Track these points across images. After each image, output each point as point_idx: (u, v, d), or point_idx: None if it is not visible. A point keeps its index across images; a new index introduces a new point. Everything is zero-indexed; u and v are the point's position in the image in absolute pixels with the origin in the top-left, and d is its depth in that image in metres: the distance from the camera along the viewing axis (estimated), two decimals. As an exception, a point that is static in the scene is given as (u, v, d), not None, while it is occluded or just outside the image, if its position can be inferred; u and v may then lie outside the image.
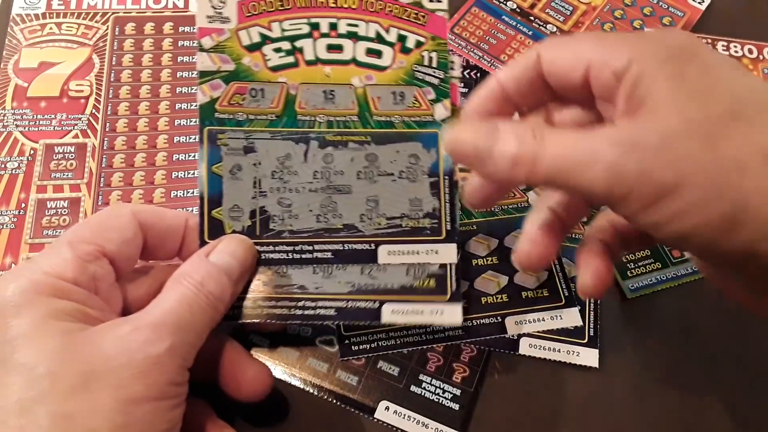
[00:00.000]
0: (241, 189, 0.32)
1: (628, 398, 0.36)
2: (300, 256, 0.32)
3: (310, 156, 0.32)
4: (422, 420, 0.34)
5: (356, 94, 0.33)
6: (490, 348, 0.36)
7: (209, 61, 0.32)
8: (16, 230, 0.38)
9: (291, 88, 0.32)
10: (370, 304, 0.32)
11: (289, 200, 0.32)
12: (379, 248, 0.32)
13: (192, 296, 0.27)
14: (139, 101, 0.43)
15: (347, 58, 0.33)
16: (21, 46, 0.44)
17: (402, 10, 0.33)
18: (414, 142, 0.33)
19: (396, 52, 0.33)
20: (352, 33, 0.33)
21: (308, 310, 0.31)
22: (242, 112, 0.32)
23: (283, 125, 0.32)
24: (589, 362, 0.36)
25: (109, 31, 0.45)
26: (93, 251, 0.28)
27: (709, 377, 0.36)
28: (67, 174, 0.40)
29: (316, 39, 0.33)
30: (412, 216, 0.33)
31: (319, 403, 0.34)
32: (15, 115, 0.41)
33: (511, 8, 0.48)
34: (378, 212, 0.32)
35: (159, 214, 0.31)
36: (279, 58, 0.32)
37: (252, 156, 0.32)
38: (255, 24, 0.32)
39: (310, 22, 0.33)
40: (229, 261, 0.30)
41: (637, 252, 0.40)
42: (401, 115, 0.33)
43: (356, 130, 0.33)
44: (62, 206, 0.39)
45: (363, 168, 0.33)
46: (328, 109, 0.33)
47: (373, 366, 0.35)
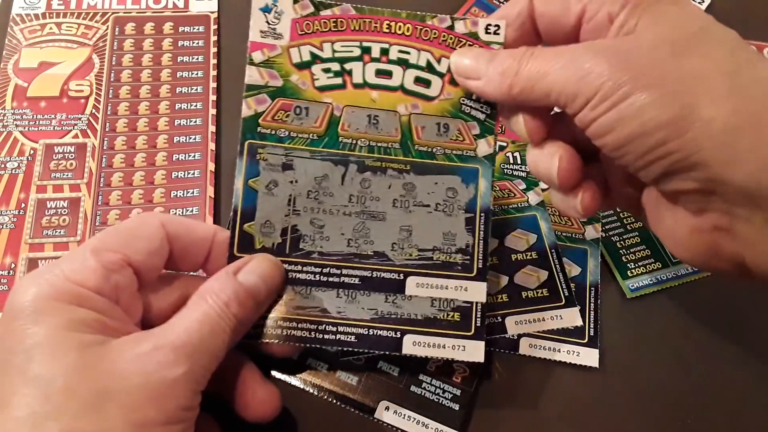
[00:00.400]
0: (275, 205, 0.32)
1: (628, 398, 0.36)
2: (327, 279, 0.31)
3: (347, 179, 0.32)
4: (422, 420, 0.34)
5: (400, 121, 0.33)
6: (490, 348, 0.36)
7: (257, 75, 0.32)
8: (16, 230, 0.38)
9: (336, 110, 0.32)
10: (391, 333, 0.31)
11: (322, 221, 0.32)
12: (407, 279, 0.32)
13: (215, 317, 0.27)
14: (139, 101, 0.43)
15: (395, 85, 0.33)
16: (21, 46, 0.44)
17: (456, 40, 0.32)
18: (453, 175, 0.33)
19: (445, 83, 0.33)
20: (403, 60, 0.33)
21: (329, 335, 0.31)
22: (284, 129, 0.32)
23: (324, 145, 0.32)
24: (589, 362, 0.36)
25: (109, 31, 0.45)
26: (118, 260, 0.27)
27: (709, 377, 0.36)
28: (67, 174, 0.40)
29: (366, 63, 0.33)
30: (445, 250, 0.32)
31: (319, 403, 0.34)
32: (15, 115, 0.41)
33: (512, 7, 0.48)
34: (410, 243, 0.32)
35: (188, 226, 0.30)
36: (327, 78, 0.32)
37: (289, 173, 0.32)
38: (307, 43, 0.32)
39: (361, 45, 0.33)
40: (257, 283, 0.29)
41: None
42: (443, 147, 0.33)
43: (397, 157, 0.32)
44: (62, 206, 0.39)
45: (399, 196, 0.32)
46: (371, 134, 0.32)
47: (373, 366, 0.35)
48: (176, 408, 0.25)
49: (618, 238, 0.40)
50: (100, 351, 0.24)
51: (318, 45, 0.32)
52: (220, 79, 0.45)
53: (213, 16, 0.47)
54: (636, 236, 0.40)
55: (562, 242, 0.39)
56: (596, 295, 0.38)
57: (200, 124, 0.43)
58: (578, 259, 0.39)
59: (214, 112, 0.43)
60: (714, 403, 0.36)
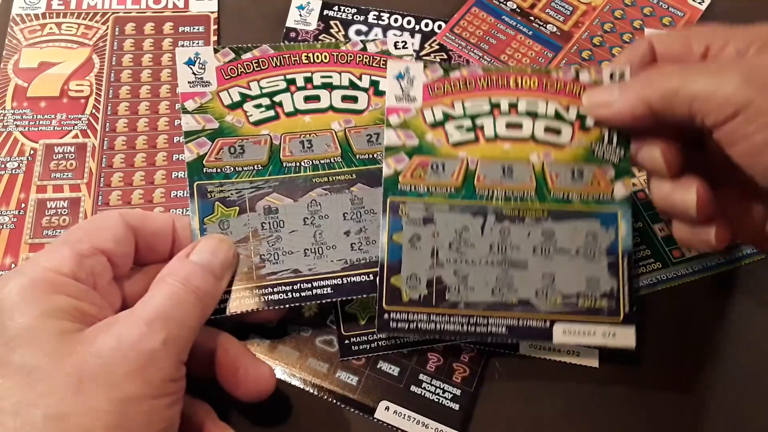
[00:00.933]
0: (419, 258, 0.33)
1: (627, 398, 0.36)
2: (475, 329, 0.32)
3: (486, 229, 0.33)
4: (422, 420, 0.34)
5: (534, 170, 0.34)
6: (490, 348, 0.36)
7: (395, 136, 0.34)
8: (16, 230, 0.38)
9: (470, 163, 0.34)
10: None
11: (466, 272, 0.33)
12: (554, 326, 0.32)
13: (179, 292, 0.28)
14: (139, 101, 0.43)
15: (526, 136, 0.34)
16: (21, 46, 0.44)
17: (583, 89, 0.34)
18: (592, 220, 0.33)
19: (575, 129, 0.34)
20: (532, 112, 0.34)
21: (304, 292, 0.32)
22: (423, 185, 0.33)
23: (462, 197, 0.33)
24: (589, 362, 0.36)
25: (109, 31, 0.45)
26: (89, 248, 0.28)
27: (709, 377, 0.36)
28: (67, 174, 0.40)
29: (496, 117, 0.34)
30: (589, 295, 0.32)
31: (319, 403, 0.34)
32: (15, 115, 0.41)
33: (511, 8, 0.48)
34: (554, 289, 0.33)
35: (145, 216, 0.31)
36: (460, 134, 0.34)
37: (431, 227, 0.33)
38: (439, 103, 0.34)
39: (491, 101, 0.34)
40: (209, 258, 0.30)
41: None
42: (579, 193, 0.33)
43: (533, 205, 0.33)
44: (62, 206, 0.39)
45: (539, 243, 0.33)
46: (506, 184, 0.33)
47: (373, 366, 0.35)
48: (160, 379, 0.25)
49: (618, 239, 0.40)
50: (78, 336, 0.25)
51: (449, 104, 0.34)
52: (220, 79, 0.45)
53: (213, 16, 0.47)
54: (636, 236, 0.41)
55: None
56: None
57: (200, 124, 0.43)
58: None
59: (214, 113, 0.43)
60: (714, 403, 0.36)
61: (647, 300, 0.38)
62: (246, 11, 0.48)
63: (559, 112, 0.34)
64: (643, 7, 0.48)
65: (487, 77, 0.34)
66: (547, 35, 0.47)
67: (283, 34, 0.46)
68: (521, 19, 0.48)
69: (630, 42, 0.46)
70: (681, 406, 0.36)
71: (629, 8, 0.48)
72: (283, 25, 0.46)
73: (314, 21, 0.47)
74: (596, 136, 0.33)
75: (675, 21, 0.47)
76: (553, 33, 0.47)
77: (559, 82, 0.34)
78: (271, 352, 0.35)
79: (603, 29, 0.47)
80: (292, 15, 0.47)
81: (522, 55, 0.46)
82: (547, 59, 0.46)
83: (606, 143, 0.33)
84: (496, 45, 0.46)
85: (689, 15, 0.48)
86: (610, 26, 0.47)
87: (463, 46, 0.46)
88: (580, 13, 0.48)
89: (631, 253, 0.33)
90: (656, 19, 0.47)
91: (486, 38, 0.46)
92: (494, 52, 0.46)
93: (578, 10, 0.48)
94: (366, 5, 0.48)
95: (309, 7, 0.47)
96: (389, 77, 0.34)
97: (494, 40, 0.46)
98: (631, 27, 0.47)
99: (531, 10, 0.48)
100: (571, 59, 0.46)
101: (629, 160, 0.33)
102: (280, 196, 0.34)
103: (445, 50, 0.46)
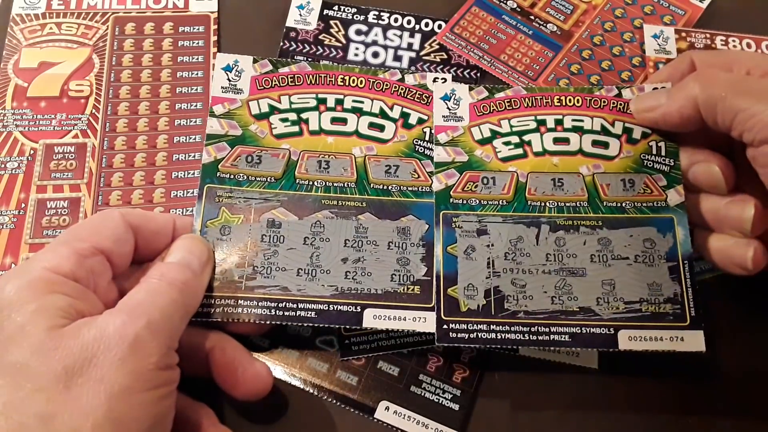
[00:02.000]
0: (475, 269, 0.33)
1: (627, 398, 0.36)
2: (537, 337, 0.32)
3: (541, 239, 0.33)
4: (422, 420, 0.34)
5: (585, 181, 0.34)
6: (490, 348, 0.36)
7: (445, 153, 0.35)
8: (16, 230, 0.38)
9: (521, 177, 0.34)
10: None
11: (523, 281, 0.33)
12: (619, 333, 0.32)
13: (158, 286, 0.28)
14: (139, 101, 0.43)
15: (574, 150, 0.35)
16: (21, 46, 0.44)
17: (625, 105, 0.35)
18: (648, 227, 0.33)
19: (622, 143, 0.35)
20: (578, 127, 0.35)
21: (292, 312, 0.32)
22: (475, 198, 0.34)
23: (514, 210, 0.34)
24: (589, 362, 0.36)
25: (109, 31, 0.45)
26: (89, 247, 0.28)
27: (709, 377, 0.36)
28: (67, 174, 0.40)
29: (543, 133, 0.35)
30: (653, 301, 0.32)
31: (319, 403, 0.34)
32: (15, 115, 0.41)
33: (512, 7, 0.48)
34: (615, 296, 0.33)
35: (146, 216, 0.32)
36: (508, 150, 0.35)
37: (485, 238, 0.33)
38: (486, 122, 0.35)
39: (536, 118, 0.35)
40: (184, 256, 0.31)
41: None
42: (632, 201, 0.34)
43: (587, 215, 0.34)
44: (62, 206, 0.39)
45: (596, 251, 0.33)
46: (558, 196, 0.34)
47: (373, 366, 0.35)
48: (148, 368, 0.25)
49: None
50: (63, 330, 0.25)
51: (496, 122, 0.35)
52: (220, 79, 0.45)
53: (213, 16, 0.47)
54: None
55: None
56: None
57: (200, 124, 0.43)
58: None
59: (214, 112, 0.43)
60: (714, 403, 0.36)
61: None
62: (246, 11, 0.48)
63: (605, 126, 0.35)
64: (643, 5, 0.48)
65: (531, 97, 0.36)
66: (548, 34, 0.47)
67: (283, 33, 0.46)
68: (521, 19, 0.47)
69: (630, 42, 0.46)
70: (681, 405, 0.35)
71: (630, 7, 0.48)
72: (283, 24, 0.46)
73: (314, 21, 0.47)
74: (644, 148, 0.34)
75: (676, 19, 0.47)
76: (553, 32, 0.47)
77: (602, 100, 0.35)
78: (270, 352, 0.35)
79: (603, 28, 0.47)
80: (292, 15, 0.47)
81: (522, 55, 0.46)
82: (547, 59, 0.46)
83: (654, 154, 0.34)
84: (497, 45, 0.46)
85: (690, 13, 0.48)
86: (610, 25, 0.47)
87: (463, 45, 0.46)
88: (581, 12, 0.48)
89: (692, 258, 0.33)
90: (657, 18, 0.47)
91: (486, 38, 0.46)
92: (494, 52, 0.46)
93: (578, 9, 0.48)
94: (366, 5, 0.47)
95: (309, 6, 0.47)
96: (435, 98, 0.36)
97: (494, 39, 0.46)
98: (632, 26, 0.47)
99: (531, 10, 0.48)
100: (572, 59, 0.45)
101: (680, 168, 0.33)
102: (286, 211, 0.34)
103: (445, 50, 0.46)
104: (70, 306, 0.26)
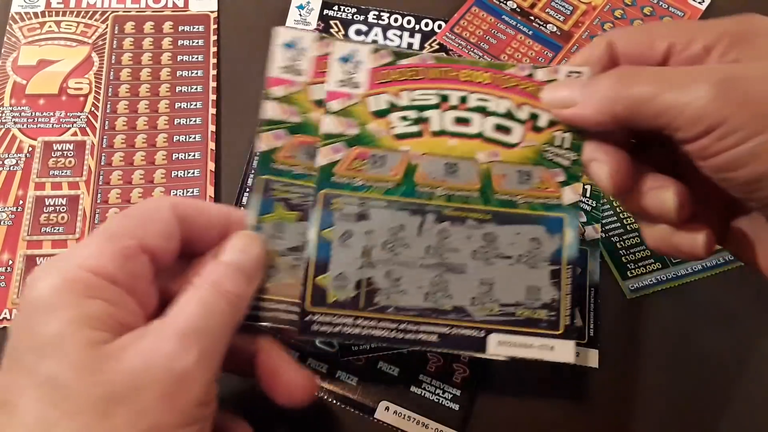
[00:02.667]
0: (349, 257, 0.30)
1: (628, 398, 0.35)
2: (403, 336, 0.30)
3: (425, 229, 0.31)
4: (422, 420, 0.34)
5: (480, 169, 0.31)
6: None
7: (334, 123, 0.31)
8: (14, 227, 0.38)
9: (413, 158, 0.31)
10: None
11: (399, 274, 0.30)
12: (489, 336, 0.30)
13: (211, 298, 0.26)
14: (138, 100, 0.43)
15: (474, 132, 0.31)
16: (20, 44, 0.44)
17: (537, 88, 0.31)
18: (537, 225, 0.31)
19: (527, 130, 0.31)
20: (482, 108, 0.32)
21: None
22: (360, 178, 0.31)
23: (401, 194, 0.31)
24: (589, 362, 0.36)
25: (108, 30, 0.45)
26: (134, 246, 0.26)
27: (709, 377, 0.36)
28: (65, 171, 0.40)
29: (444, 110, 0.32)
30: (529, 305, 0.30)
31: (319, 403, 0.34)
32: (13, 112, 0.41)
33: (511, 8, 0.48)
34: (491, 297, 0.30)
35: (199, 207, 0.29)
36: (404, 126, 0.31)
37: (364, 224, 0.30)
38: (385, 91, 0.32)
39: (440, 93, 0.32)
40: (241, 257, 0.28)
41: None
42: (526, 196, 0.31)
43: (476, 206, 0.31)
44: (60, 203, 0.39)
45: (480, 248, 0.31)
46: (449, 183, 0.31)
47: (373, 366, 0.35)
48: (191, 404, 0.24)
49: (618, 239, 0.40)
50: (107, 349, 0.23)
51: (396, 93, 0.32)
52: (220, 78, 0.45)
53: (213, 16, 0.47)
54: (636, 237, 0.40)
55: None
56: (596, 295, 0.38)
57: (200, 123, 0.43)
58: (578, 259, 0.39)
59: (214, 112, 0.43)
60: (713, 402, 0.36)
61: (647, 300, 0.38)
62: (246, 11, 0.48)
63: (511, 109, 0.31)
64: (643, 6, 0.48)
65: (438, 68, 0.32)
66: (547, 35, 0.47)
67: (283, 33, 0.46)
68: (521, 19, 0.48)
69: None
70: (681, 405, 0.35)
71: (629, 8, 0.48)
72: (283, 24, 0.46)
73: (314, 21, 0.47)
74: (548, 137, 0.31)
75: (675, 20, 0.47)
76: (553, 33, 0.47)
77: (513, 79, 0.32)
78: (270, 351, 0.35)
79: (603, 29, 0.47)
80: (292, 15, 0.47)
81: (522, 55, 0.46)
82: (547, 59, 0.46)
83: (557, 146, 0.31)
84: (496, 45, 0.46)
85: (689, 14, 0.48)
86: (610, 26, 0.47)
87: (463, 45, 0.46)
88: (581, 13, 0.48)
89: (576, 263, 0.31)
90: (656, 19, 0.48)
91: (486, 38, 0.46)
92: (494, 52, 0.46)
93: (578, 10, 0.48)
94: (366, 5, 0.47)
95: (309, 6, 0.47)
96: (332, 60, 0.31)
97: (494, 39, 0.46)
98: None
99: (531, 10, 0.48)
100: (572, 59, 0.46)
101: (580, 164, 0.31)
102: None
103: (445, 50, 0.46)
104: (109, 316, 0.24)
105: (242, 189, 0.41)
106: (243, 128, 0.43)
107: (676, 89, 0.24)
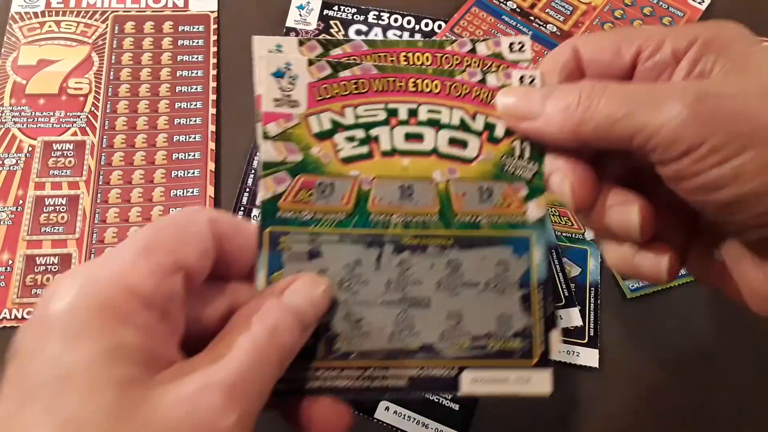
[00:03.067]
0: None
1: (628, 398, 0.35)
2: (369, 383, 0.27)
3: (383, 262, 0.28)
4: (422, 420, 0.34)
5: (437, 189, 0.28)
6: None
7: (274, 150, 0.28)
8: (14, 226, 0.38)
9: (364, 183, 0.28)
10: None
11: (359, 315, 0.27)
12: (461, 375, 0.27)
13: (264, 346, 0.23)
14: (138, 99, 0.43)
15: (428, 149, 0.29)
16: (20, 44, 0.44)
17: (490, 94, 0.29)
18: (503, 246, 0.28)
19: (483, 141, 0.29)
20: (434, 120, 0.29)
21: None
22: (308, 210, 0.28)
23: (354, 225, 0.28)
24: (589, 362, 0.36)
25: (108, 30, 0.45)
26: (171, 264, 0.23)
27: (709, 377, 0.36)
28: (65, 171, 0.40)
29: (393, 127, 0.29)
30: (500, 336, 0.28)
31: (318, 403, 0.34)
32: (13, 112, 0.41)
33: (511, 8, 0.48)
34: (461, 330, 0.28)
35: (237, 226, 0.26)
36: (352, 148, 0.28)
37: (316, 262, 0.27)
38: (327, 109, 0.28)
39: (387, 107, 0.29)
40: (303, 306, 0.25)
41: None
42: (488, 215, 0.28)
43: (437, 232, 0.28)
44: (60, 203, 0.39)
45: (443, 277, 0.28)
46: (406, 208, 0.28)
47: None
48: None
49: (618, 238, 0.40)
50: (142, 391, 0.20)
51: (339, 111, 0.29)
52: (220, 78, 0.45)
53: (213, 16, 0.47)
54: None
55: (562, 242, 0.39)
56: (596, 295, 0.38)
57: (200, 123, 0.42)
58: (578, 259, 0.39)
59: (214, 112, 0.43)
60: (713, 402, 0.36)
61: (647, 300, 0.38)
62: (246, 11, 0.48)
63: (465, 120, 0.29)
64: (642, 6, 0.48)
65: (383, 78, 0.29)
66: (547, 35, 0.47)
67: (283, 34, 0.46)
68: (521, 19, 0.48)
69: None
70: (681, 405, 0.35)
71: (629, 8, 0.48)
72: (283, 24, 0.46)
73: (314, 21, 0.47)
74: (506, 148, 0.28)
75: (675, 21, 0.47)
76: (553, 33, 0.47)
77: (464, 86, 0.29)
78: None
79: (603, 29, 0.47)
80: (292, 15, 0.47)
81: (522, 55, 0.46)
82: (547, 59, 0.46)
83: (517, 157, 0.29)
84: (497, 45, 0.46)
85: (689, 14, 0.48)
86: (609, 26, 0.47)
87: (464, 45, 0.46)
88: (580, 13, 0.48)
89: (546, 284, 0.28)
90: (656, 19, 0.48)
91: (486, 38, 0.46)
92: (494, 52, 0.46)
93: (578, 10, 0.48)
94: (366, 5, 0.48)
95: (309, 6, 0.47)
96: (264, 75, 0.28)
97: (494, 39, 0.46)
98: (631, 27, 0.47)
99: (531, 10, 0.48)
100: (572, 59, 0.46)
101: (543, 177, 0.28)
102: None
103: (445, 50, 0.46)
104: (143, 346, 0.21)
105: (242, 189, 0.41)
106: (243, 128, 0.43)
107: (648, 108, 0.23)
